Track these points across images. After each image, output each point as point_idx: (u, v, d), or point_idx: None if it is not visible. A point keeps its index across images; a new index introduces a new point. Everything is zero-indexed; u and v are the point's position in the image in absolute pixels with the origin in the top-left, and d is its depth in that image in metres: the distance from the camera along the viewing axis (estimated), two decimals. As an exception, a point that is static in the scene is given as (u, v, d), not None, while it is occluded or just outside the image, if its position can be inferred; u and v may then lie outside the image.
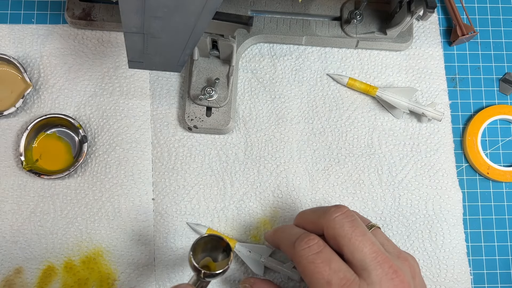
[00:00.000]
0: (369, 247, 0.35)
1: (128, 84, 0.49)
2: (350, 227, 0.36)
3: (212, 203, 0.47)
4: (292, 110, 0.49)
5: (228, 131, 0.48)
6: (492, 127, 0.50)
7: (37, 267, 0.45)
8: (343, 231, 0.36)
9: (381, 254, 0.35)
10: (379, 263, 0.34)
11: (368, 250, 0.34)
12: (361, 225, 0.36)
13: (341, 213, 0.37)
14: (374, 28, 0.48)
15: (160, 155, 0.47)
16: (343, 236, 0.35)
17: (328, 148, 0.48)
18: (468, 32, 0.49)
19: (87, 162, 0.47)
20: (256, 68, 0.49)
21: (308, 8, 0.49)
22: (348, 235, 0.35)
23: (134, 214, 0.46)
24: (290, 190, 0.47)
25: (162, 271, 0.45)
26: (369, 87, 0.48)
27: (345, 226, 0.36)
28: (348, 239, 0.35)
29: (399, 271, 0.34)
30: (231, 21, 0.39)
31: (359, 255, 0.34)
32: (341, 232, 0.36)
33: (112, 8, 0.48)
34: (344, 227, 0.36)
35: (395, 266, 0.34)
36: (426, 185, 0.47)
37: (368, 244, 0.35)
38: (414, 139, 0.48)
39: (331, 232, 0.36)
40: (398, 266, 0.35)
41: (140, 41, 0.35)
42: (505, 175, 0.48)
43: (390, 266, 0.34)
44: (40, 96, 0.48)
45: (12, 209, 0.46)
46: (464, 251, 0.46)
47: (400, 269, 0.34)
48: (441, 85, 0.49)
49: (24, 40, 0.49)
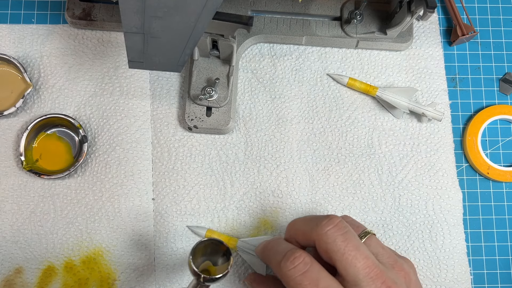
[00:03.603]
0: (363, 262, 0.34)
1: (128, 84, 0.49)
2: (343, 241, 0.35)
3: (212, 203, 0.47)
4: (292, 110, 0.49)
5: (228, 131, 0.48)
6: (492, 127, 0.50)
7: (37, 267, 0.45)
8: (335, 245, 0.35)
9: (375, 268, 0.34)
10: (372, 279, 0.34)
11: (361, 265, 0.34)
12: (354, 238, 0.35)
13: (333, 225, 0.36)
14: (374, 28, 0.48)
15: (160, 155, 0.47)
16: (335, 251, 0.35)
17: (328, 148, 0.48)
18: (468, 32, 0.49)
19: (87, 162, 0.47)
20: (256, 68, 0.49)
21: (308, 8, 0.49)
22: (341, 250, 0.34)
23: (134, 214, 0.46)
24: (290, 190, 0.47)
25: (162, 271, 0.45)
26: (369, 87, 0.48)
27: (337, 240, 0.35)
28: (341, 254, 0.34)
29: (392, 286, 0.34)
30: (231, 21, 0.39)
31: (352, 270, 0.34)
32: (333, 247, 0.35)
33: (112, 8, 0.48)
34: (337, 242, 0.35)
35: (388, 281, 0.34)
36: (426, 185, 0.47)
37: (361, 258, 0.34)
38: (414, 139, 0.48)
39: (323, 246, 0.35)
40: (393, 279, 0.34)
41: (140, 41, 0.35)
42: (505, 175, 0.48)
43: (383, 281, 0.34)
44: (40, 96, 0.48)
45: (12, 209, 0.46)
46: (464, 251, 0.46)
47: (394, 283, 0.34)
48: (441, 85, 0.49)
49: (24, 40, 0.49)
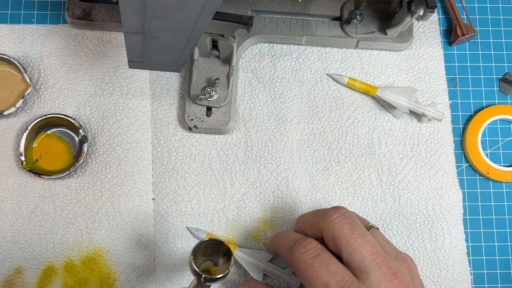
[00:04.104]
0: (368, 249, 0.35)
1: (128, 84, 0.49)
2: (349, 228, 0.35)
3: (212, 203, 0.47)
4: (292, 110, 0.49)
5: (228, 131, 0.48)
6: (492, 127, 0.50)
7: (37, 267, 0.45)
8: (342, 232, 0.35)
9: (380, 255, 0.34)
10: (377, 265, 0.34)
11: (367, 252, 0.34)
12: (360, 227, 0.36)
13: (339, 214, 0.36)
14: (374, 28, 0.48)
15: (160, 155, 0.47)
16: (342, 238, 0.35)
17: (328, 148, 0.48)
18: (468, 32, 0.49)
19: (87, 162, 0.47)
20: (256, 68, 0.49)
21: (308, 8, 0.49)
22: (347, 237, 0.35)
23: (134, 214, 0.46)
24: (290, 190, 0.47)
25: (162, 271, 0.45)
26: (369, 87, 0.48)
27: (344, 227, 0.36)
28: (347, 241, 0.35)
29: (398, 273, 0.34)
30: (231, 21, 0.39)
31: (357, 256, 0.34)
32: (340, 234, 0.35)
33: (112, 8, 0.48)
34: (343, 229, 0.36)
35: (394, 268, 0.34)
36: (426, 185, 0.47)
37: (367, 245, 0.35)
38: (414, 139, 0.48)
39: (330, 234, 0.36)
40: (397, 267, 0.35)
41: (140, 41, 0.35)
42: (505, 175, 0.48)
43: (389, 267, 0.34)
44: (40, 96, 0.48)
45: (12, 209, 0.46)
46: (464, 251, 0.46)
47: (399, 271, 0.34)
48: (441, 85, 0.49)
49: (24, 40, 0.49)
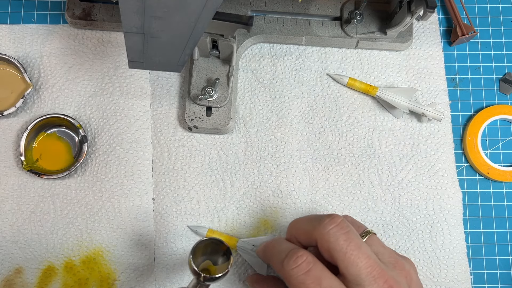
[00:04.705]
0: (365, 261, 0.34)
1: (128, 84, 0.49)
2: (345, 240, 0.35)
3: (212, 203, 0.47)
4: (292, 110, 0.49)
5: (228, 131, 0.48)
6: (492, 127, 0.50)
7: (37, 267, 0.45)
8: (337, 245, 0.35)
9: (377, 267, 0.34)
10: (374, 278, 0.34)
11: (363, 264, 0.34)
12: (356, 237, 0.35)
13: (335, 225, 0.36)
14: (374, 28, 0.48)
15: (160, 155, 0.47)
16: (338, 250, 0.35)
17: (328, 148, 0.48)
18: (468, 32, 0.49)
19: (87, 162, 0.47)
20: (256, 68, 0.49)
21: (308, 8, 0.49)
22: (343, 250, 0.34)
23: (134, 214, 0.46)
24: (290, 190, 0.47)
25: (162, 271, 0.45)
26: (369, 87, 0.48)
27: (339, 239, 0.35)
28: (343, 254, 0.34)
29: (394, 286, 0.34)
30: (231, 21, 0.39)
31: (354, 270, 0.34)
32: (335, 246, 0.35)
33: (112, 8, 0.48)
34: (339, 241, 0.35)
35: (390, 280, 0.34)
36: (426, 185, 0.47)
37: (364, 257, 0.34)
38: (414, 139, 0.48)
39: (326, 245, 0.35)
40: (394, 279, 0.34)
41: (140, 41, 0.35)
42: (505, 175, 0.48)
43: (385, 280, 0.34)
44: (40, 96, 0.48)
45: (12, 209, 0.46)
46: (464, 251, 0.46)
47: (396, 283, 0.34)
48: (441, 85, 0.49)
49: (24, 40, 0.49)
